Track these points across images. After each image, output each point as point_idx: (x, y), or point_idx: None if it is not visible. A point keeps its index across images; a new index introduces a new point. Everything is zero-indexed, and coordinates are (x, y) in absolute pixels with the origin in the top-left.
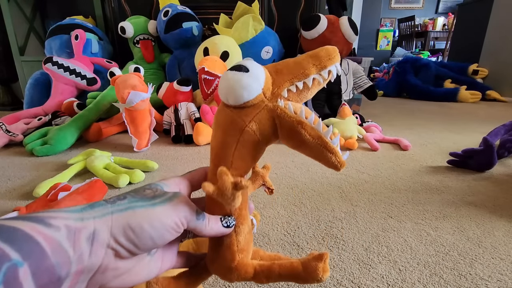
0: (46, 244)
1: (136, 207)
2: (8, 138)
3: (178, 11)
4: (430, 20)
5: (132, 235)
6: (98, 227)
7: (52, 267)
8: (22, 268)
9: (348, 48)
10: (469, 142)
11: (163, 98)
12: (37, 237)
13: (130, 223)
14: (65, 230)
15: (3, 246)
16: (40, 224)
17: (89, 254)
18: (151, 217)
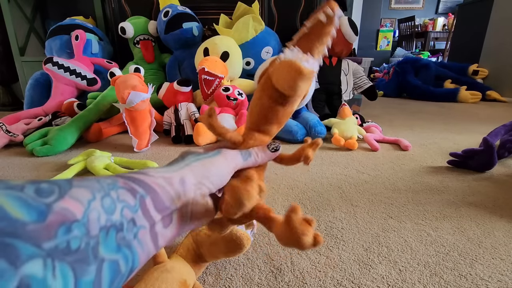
0: (155, 186)
1: (201, 158)
2: (8, 139)
3: (178, 12)
4: (430, 21)
5: (209, 176)
6: (184, 174)
7: (163, 201)
8: (146, 199)
9: (348, 49)
10: (469, 143)
11: (163, 99)
12: (147, 181)
13: (206, 168)
14: (161, 178)
15: (132, 184)
16: (145, 175)
17: (184, 193)
18: (213, 163)
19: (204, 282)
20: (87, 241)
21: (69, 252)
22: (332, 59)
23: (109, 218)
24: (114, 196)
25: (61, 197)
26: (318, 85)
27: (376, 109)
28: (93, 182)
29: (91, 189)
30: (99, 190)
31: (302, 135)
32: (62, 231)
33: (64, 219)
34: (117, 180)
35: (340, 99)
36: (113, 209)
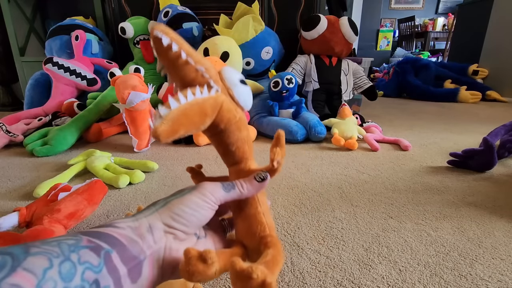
0: (122, 238)
1: (171, 200)
2: (8, 139)
3: (178, 12)
4: (430, 21)
5: (178, 217)
6: (151, 221)
7: (132, 254)
8: (112, 254)
9: (348, 49)
10: (469, 143)
11: (163, 99)
12: (114, 235)
13: (173, 210)
14: (129, 229)
15: (96, 241)
16: (111, 227)
17: (154, 241)
18: (184, 202)
19: (204, 282)
20: None
21: None
22: (332, 59)
23: (66, 285)
24: (75, 259)
25: (13, 271)
26: (318, 85)
27: (376, 109)
28: (53, 246)
29: (48, 255)
30: (58, 255)
31: (302, 135)
32: None
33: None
34: (80, 239)
35: (340, 99)
36: (73, 274)
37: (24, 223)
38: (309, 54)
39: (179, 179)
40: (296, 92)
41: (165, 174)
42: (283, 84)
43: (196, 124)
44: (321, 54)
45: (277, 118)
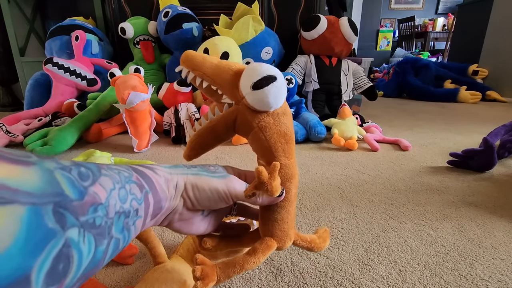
0: (157, 185)
1: (202, 174)
2: (9, 139)
3: (178, 12)
4: (430, 21)
5: (197, 192)
6: (179, 180)
7: (160, 199)
8: (149, 194)
9: (348, 49)
10: (469, 143)
11: (163, 99)
12: (153, 179)
13: (197, 183)
14: (163, 178)
15: (142, 180)
16: (153, 171)
17: (174, 197)
18: (210, 184)
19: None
20: (106, 220)
21: (94, 226)
22: (332, 59)
23: (122, 205)
24: (128, 189)
25: (94, 183)
26: (318, 85)
27: (376, 109)
28: (115, 173)
29: (113, 179)
30: (118, 182)
31: (302, 135)
32: (91, 210)
33: (94, 201)
34: (132, 174)
35: (340, 99)
36: (126, 199)
37: None
38: (309, 54)
39: None
40: (296, 92)
41: None
42: None
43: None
44: (321, 54)
45: None
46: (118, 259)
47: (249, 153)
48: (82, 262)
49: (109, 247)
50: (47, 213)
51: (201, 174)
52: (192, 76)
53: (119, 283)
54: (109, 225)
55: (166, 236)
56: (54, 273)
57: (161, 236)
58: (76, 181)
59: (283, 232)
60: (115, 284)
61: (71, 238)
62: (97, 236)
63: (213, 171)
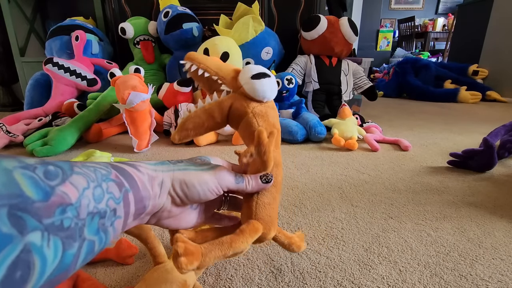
0: (139, 182)
1: (189, 169)
2: (9, 139)
3: (178, 12)
4: (430, 21)
5: (185, 188)
6: (165, 178)
7: (142, 198)
8: (129, 193)
9: (348, 49)
10: (469, 143)
11: (163, 99)
12: (134, 177)
13: (185, 179)
14: (147, 176)
15: (121, 178)
16: (135, 168)
17: (159, 195)
18: (199, 178)
19: (204, 283)
20: (76, 222)
21: (62, 229)
22: (332, 60)
23: (96, 206)
24: (104, 188)
25: (63, 182)
26: (318, 85)
27: (376, 110)
28: (90, 170)
29: (87, 178)
30: (94, 180)
31: (302, 135)
32: (58, 211)
33: (62, 201)
34: (110, 172)
35: (340, 99)
36: (101, 199)
37: None
38: (309, 55)
39: None
40: (296, 92)
41: None
42: (283, 84)
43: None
44: (321, 54)
45: None
46: (118, 259)
47: None
48: (46, 268)
49: (81, 250)
50: (1, 217)
51: (188, 168)
52: (194, 68)
53: (119, 283)
54: (80, 227)
55: (166, 236)
56: (10, 281)
57: (161, 236)
58: (41, 181)
59: (268, 217)
60: (115, 284)
61: (31, 243)
62: (66, 239)
63: (200, 164)
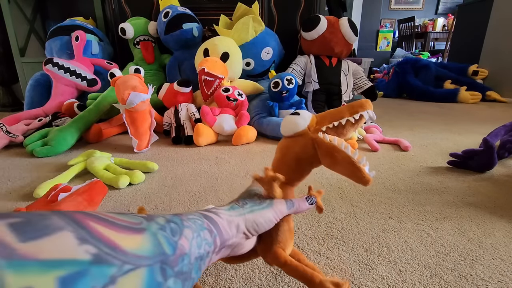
0: (222, 228)
1: (255, 210)
2: (9, 139)
3: (178, 12)
4: (430, 21)
5: (255, 227)
6: (240, 222)
7: (224, 239)
8: (217, 237)
9: (348, 49)
10: (469, 143)
11: (163, 99)
12: (219, 223)
13: (255, 220)
14: (226, 221)
15: (211, 226)
16: (218, 216)
17: (235, 235)
18: (264, 217)
19: (204, 283)
20: (189, 266)
21: (182, 273)
22: (332, 60)
23: (198, 251)
24: (202, 236)
25: (180, 236)
26: (318, 85)
27: (376, 110)
28: (192, 222)
29: (192, 230)
30: (195, 231)
31: None
32: (180, 260)
33: (182, 252)
34: (203, 221)
35: (340, 100)
36: (201, 245)
37: None
38: (309, 55)
39: (179, 179)
40: (296, 92)
41: (165, 174)
42: (283, 84)
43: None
44: (321, 54)
45: (277, 118)
46: None
47: (249, 153)
48: None
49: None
50: (157, 271)
51: (254, 210)
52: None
53: None
54: (190, 269)
55: None
56: None
57: None
58: (170, 239)
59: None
60: None
61: (169, 286)
62: (184, 281)
63: (260, 202)
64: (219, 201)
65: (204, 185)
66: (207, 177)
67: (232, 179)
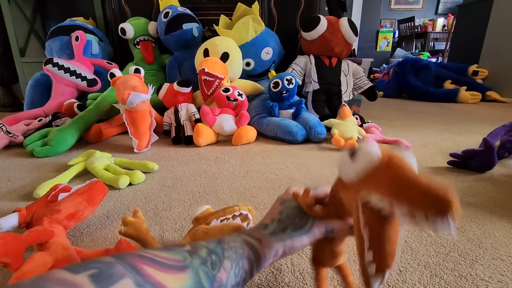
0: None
1: (294, 236)
2: (9, 139)
3: (178, 13)
4: (430, 21)
5: (292, 251)
6: (279, 248)
7: (261, 266)
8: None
9: (348, 49)
10: (469, 143)
11: (163, 99)
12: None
13: (293, 246)
14: (267, 248)
15: (251, 255)
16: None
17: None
18: (301, 243)
19: None
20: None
21: None
22: (332, 60)
23: (235, 280)
24: (240, 265)
25: (219, 269)
26: (318, 85)
27: (376, 110)
28: (232, 251)
29: (231, 260)
30: (234, 260)
31: (302, 135)
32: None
33: (219, 284)
34: (244, 250)
35: (340, 100)
36: (238, 275)
37: (24, 224)
38: (309, 55)
39: (179, 179)
40: (296, 92)
41: (165, 174)
42: (283, 84)
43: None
44: (321, 54)
45: (277, 118)
46: None
47: (249, 153)
48: None
49: None
50: None
51: (293, 236)
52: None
53: None
54: None
55: (166, 236)
56: None
57: (161, 236)
58: (209, 272)
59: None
60: None
61: None
62: None
63: (301, 225)
64: (219, 201)
65: (204, 185)
66: (207, 177)
67: (232, 179)
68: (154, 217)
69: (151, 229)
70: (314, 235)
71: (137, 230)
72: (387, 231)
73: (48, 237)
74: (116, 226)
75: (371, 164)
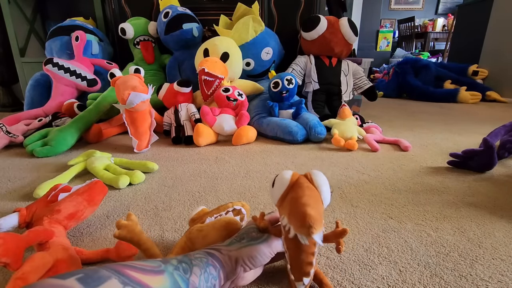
0: (224, 263)
1: (252, 244)
2: (9, 139)
3: (178, 13)
4: (430, 21)
5: (252, 260)
6: (238, 256)
7: (226, 272)
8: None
9: (348, 49)
10: (469, 143)
11: (163, 99)
12: (221, 259)
13: (250, 254)
14: (227, 257)
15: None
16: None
17: (235, 268)
18: (259, 251)
19: None
20: None
21: None
22: (332, 60)
23: (206, 285)
24: (208, 271)
25: (191, 274)
26: (318, 85)
27: (376, 110)
28: (199, 261)
29: (200, 267)
30: (202, 267)
31: (302, 135)
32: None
33: (193, 287)
34: (208, 258)
35: (340, 100)
36: (208, 279)
37: (24, 224)
38: (309, 55)
39: (179, 179)
40: (296, 92)
41: (165, 174)
42: (283, 84)
43: None
44: (321, 54)
45: (277, 118)
46: (118, 259)
47: (249, 153)
48: None
49: None
50: None
51: (251, 244)
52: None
53: None
54: None
55: (166, 236)
56: None
57: (161, 236)
58: (184, 276)
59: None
60: None
61: None
62: None
63: (257, 237)
64: (219, 201)
65: (204, 185)
66: (207, 177)
67: (232, 179)
68: (154, 217)
69: (151, 229)
70: (274, 245)
71: (130, 232)
72: (299, 244)
73: (48, 237)
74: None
75: (282, 189)
